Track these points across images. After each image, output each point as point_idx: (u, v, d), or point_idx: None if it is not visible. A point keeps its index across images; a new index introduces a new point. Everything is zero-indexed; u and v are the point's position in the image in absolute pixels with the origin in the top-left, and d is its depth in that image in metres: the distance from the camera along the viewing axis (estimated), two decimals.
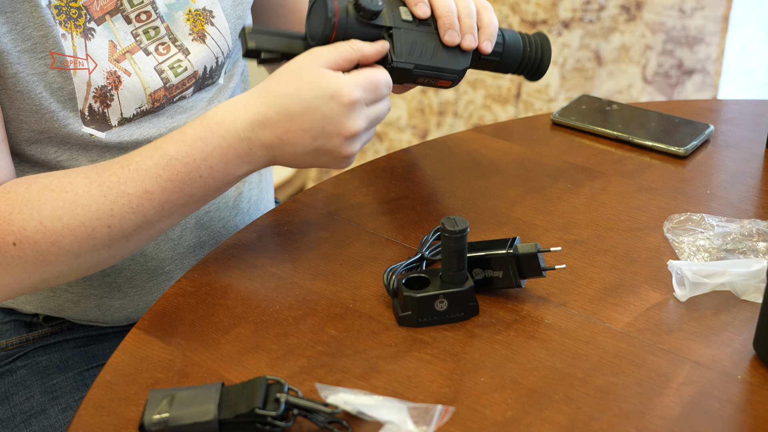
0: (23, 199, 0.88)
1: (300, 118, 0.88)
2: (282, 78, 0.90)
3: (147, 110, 1.01)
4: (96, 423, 0.79)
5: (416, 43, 0.95)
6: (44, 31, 0.93)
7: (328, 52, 0.90)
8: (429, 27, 0.96)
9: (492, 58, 1.01)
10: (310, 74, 0.89)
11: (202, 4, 1.05)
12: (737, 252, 0.94)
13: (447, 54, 0.97)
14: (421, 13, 0.96)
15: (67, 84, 0.95)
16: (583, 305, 0.89)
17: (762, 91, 2.27)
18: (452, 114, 2.37)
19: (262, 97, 0.89)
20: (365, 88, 0.90)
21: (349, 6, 0.94)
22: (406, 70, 0.95)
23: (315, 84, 0.88)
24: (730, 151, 1.15)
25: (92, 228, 0.88)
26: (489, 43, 0.99)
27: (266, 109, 0.89)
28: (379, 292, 0.92)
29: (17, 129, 0.96)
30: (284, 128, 0.89)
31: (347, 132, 0.89)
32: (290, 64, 0.90)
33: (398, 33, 0.95)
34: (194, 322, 0.89)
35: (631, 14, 2.16)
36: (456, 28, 0.96)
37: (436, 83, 0.98)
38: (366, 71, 0.91)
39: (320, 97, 0.88)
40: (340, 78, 0.89)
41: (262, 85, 0.90)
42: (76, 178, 0.90)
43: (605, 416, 0.77)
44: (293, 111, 0.88)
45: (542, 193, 1.07)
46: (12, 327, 1.11)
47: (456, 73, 0.97)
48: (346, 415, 0.77)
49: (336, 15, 0.93)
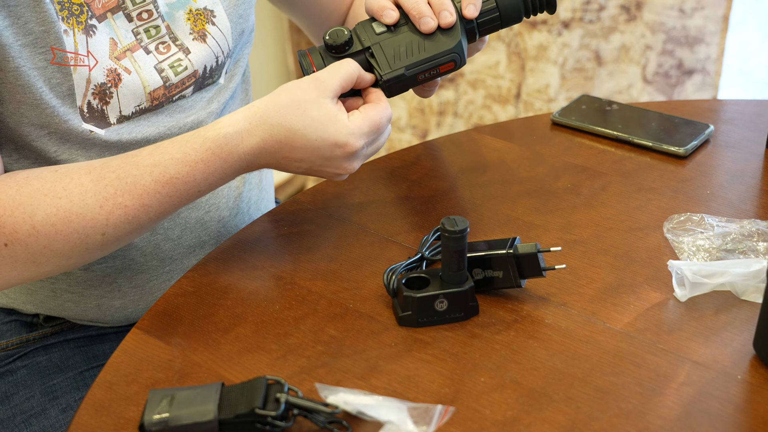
0: (14, 202, 0.89)
1: (300, 151, 0.91)
2: (288, 108, 0.90)
3: (146, 108, 1.01)
4: (96, 423, 0.79)
5: (398, 47, 0.95)
6: (46, 26, 0.93)
7: (330, 81, 0.91)
8: (405, 26, 0.96)
9: (490, 16, 0.98)
10: (317, 112, 0.90)
11: (203, 4, 1.05)
12: (737, 252, 0.94)
13: (433, 42, 0.95)
14: (389, 19, 0.96)
15: (66, 80, 0.95)
16: (583, 305, 0.89)
17: (762, 91, 2.27)
18: (452, 114, 2.37)
19: (265, 126, 0.90)
20: (369, 133, 0.92)
21: (321, 51, 0.96)
22: (399, 76, 0.95)
23: (321, 125, 0.89)
24: (730, 151, 1.15)
25: (86, 235, 0.90)
26: (473, 7, 0.97)
27: (269, 137, 0.90)
28: (379, 292, 0.92)
29: (18, 123, 0.96)
30: (283, 155, 0.91)
31: (343, 170, 0.93)
32: (296, 91, 0.91)
33: (377, 48, 0.95)
34: (194, 322, 0.89)
35: (631, 14, 2.16)
36: (427, 13, 0.95)
37: (439, 71, 0.96)
38: (369, 113, 0.92)
39: (325, 140, 0.90)
40: (345, 124, 0.90)
41: (265, 111, 0.91)
42: (70, 183, 0.90)
43: (605, 416, 0.77)
44: (295, 144, 0.90)
45: (542, 193, 1.07)
46: (12, 327, 1.11)
47: (451, 52, 0.95)
48: (346, 415, 0.77)
49: (313, 67, 0.95)
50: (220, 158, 0.91)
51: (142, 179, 0.90)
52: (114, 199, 0.89)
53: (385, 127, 0.93)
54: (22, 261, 0.89)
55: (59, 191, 0.89)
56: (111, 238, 0.91)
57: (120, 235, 0.91)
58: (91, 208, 0.89)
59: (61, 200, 0.89)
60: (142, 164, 0.90)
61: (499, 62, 2.27)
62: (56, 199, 0.89)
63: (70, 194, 0.89)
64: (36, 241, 0.89)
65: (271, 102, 0.91)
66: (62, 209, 0.89)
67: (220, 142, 0.90)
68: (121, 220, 0.90)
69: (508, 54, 2.25)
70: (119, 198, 0.89)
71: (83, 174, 0.91)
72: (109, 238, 0.91)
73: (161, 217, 0.93)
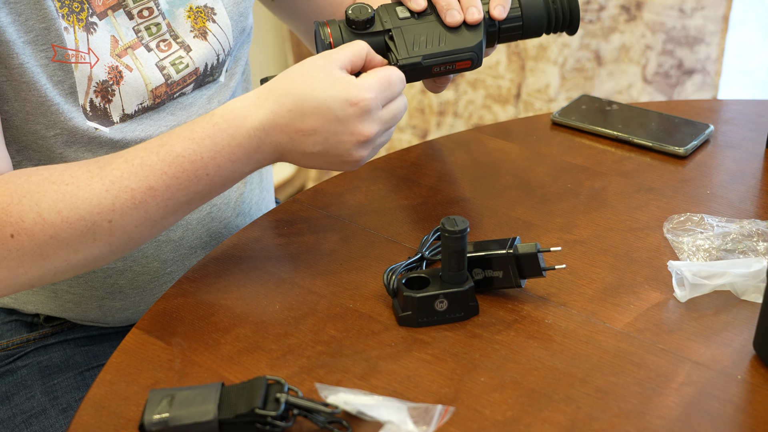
0: (23, 190, 0.86)
1: (312, 117, 0.87)
2: (295, 76, 0.89)
3: (148, 107, 1.01)
4: (96, 423, 0.79)
5: (419, 35, 0.94)
6: (47, 23, 0.93)
7: (340, 53, 0.90)
8: (430, 16, 0.95)
9: (513, 24, 0.98)
10: (325, 74, 0.88)
11: (203, 1, 1.05)
12: (737, 252, 0.94)
13: (455, 36, 0.95)
14: (416, 6, 0.95)
15: (68, 77, 0.95)
16: (583, 305, 0.89)
17: (762, 91, 2.27)
18: (452, 114, 2.37)
19: (273, 95, 0.88)
20: (379, 88, 0.89)
21: (341, 24, 0.95)
22: (415, 64, 0.94)
23: (330, 84, 0.87)
24: (730, 151, 1.15)
25: (92, 222, 0.86)
26: (501, 9, 0.96)
27: (278, 107, 0.87)
28: (379, 292, 0.92)
29: (24, 121, 0.95)
30: (295, 127, 0.88)
31: (360, 135, 0.88)
32: (303, 63, 0.90)
33: (398, 32, 0.95)
34: (194, 322, 0.89)
35: (631, 14, 2.16)
36: (455, 6, 0.94)
37: (455, 67, 0.96)
38: (377, 71, 0.90)
39: (334, 98, 0.87)
40: (354, 81, 0.88)
41: (274, 83, 0.89)
42: (78, 171, 0.88)
43: (605, 416, 0.77)
44: (306, 110, 0.87)
45: (542, 193, 1.07)
46: (13, 327, 1.11)
47: (471, 50, 0.95)
48: (346, 415, 0.77)
49: (330, 38, 0.94)
50: (228, 133, 0.87)
51: (149, 159, 0.87)
52: (120, 182, 0.86)
53: (396, 84, 0.90)
54: (29, 254, 0.86)
55: (66, 178, 0.87)
56: (118, 228, 0.87)
57: (128, 225, 0.87)
58: (98, 193, 0.86)
59: (68, 186, 0.86)
60: (150, 146, 0.88)
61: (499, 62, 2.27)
62: (63, 186, 0.87)
63: (77, 180, 0.87)
64: (42, 230, 0.86)
65: (280, 76, 0.90)
66: (68, 194, 0.86)
67: (228, 117, 0.88)
68: (128, 205, 0.86)
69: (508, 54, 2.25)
70: (125, 181, 0.86)
71: (91, 162, 0.89)
72: (116, 226, 0.87)
73: (170, 208, 0.88)
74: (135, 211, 0.87)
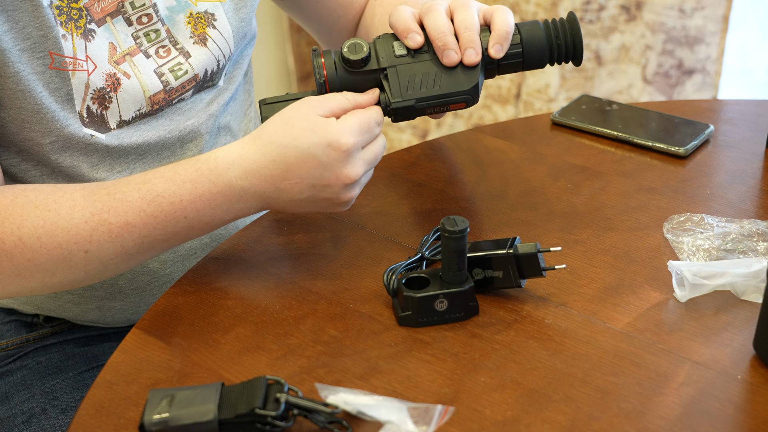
0: (6, 212, 0.88)
1: (297, 167, 0.87)
2: (277, 126, 0.89)
3: (146, 113, 1.01)
4: (96, 423, 0.79)
5: (414, 77, 0.92)
6: (44, 31, 0.93)
7: (321, 102, 0.89)
8: (427, 54, 0.93)
9: (514, 60, 0.95)
10: (306, 122, 0.88)
11: (203, 7, 1.04)
12: (737, 252, 0.94)
13: (451, 77, 0.92)
14: (413, 44, 0.93)
15: (64, 85, 0.95)
16: (583, 305, 0.89)
17: (762, 91, 2.27)
18: (452, 114, 2.37)
19: (256, 146, 0.88)
20: (359, 131, 0.88)
21: (336, 59, 0.93)
22: (408, 107, 0.92)
23: (311, 131, 0.87)
24: (730, 151, 1.15)
25: (69, 251, 0.88)
26: (500, 47, 0.93)
27: (261, 158, 0.88)
28: (379, 292, 0.92)
29: (20, 129, 0.96)
30: (280, 177, 0.88)
31: (346, 178, 0.88)
32: (285, 111, 0.89)
33: (393, 72, 0.92)
34: (194, 322, 0.89)
35: (631, 14, 2.16)
36: (452, 47, 0.92)
37: (449, 108, 0.94)
38: (356, 114, 0.89)
39: (317, 144, 0.87)
40: (335, 125, 0.87)
41: (257, 132, 0.89)
42: (62, 197, 0.89)
43: (605, 416, 0.77)
44: (289, 159, 0.87)
45: (542, 193, 1.07)
46: (12, 327, 1.11)
47: (466, 94, 0.93)
48: (346, 415, 0.77)
49: (325, 75, 0.92)
50: (209, 180, 0.88)
51: (130, 195, 0.88)
52: (100, 215, 0.88)
53: (374, 128, 0.90)
54: (7, 273, 0.88)
55: (50, 204, 0.88)
56: (94, 258, 0.89)
57: (103, 256, 0.89)
58: (77, 223, 0.87)
59: (50, 213, 0.88)
60: (134, 181, 0.89)
61: None
62: (45, 212, 0.88)
63: (59, 207, 0.88)
64: (21, 253, 0.87)
65: (261, 126, 0.90)
66: (49, 222, 0.87)
67: (211, 164, 0.88)
68: (105, 238, 0.88)
69: None
70: (105, 214, 0.88)
71: (77, 189, 0.90)
72: (92, 257, 0.88)
73: (146, 244, 0.89)
74: (111, 244, 0.88)
